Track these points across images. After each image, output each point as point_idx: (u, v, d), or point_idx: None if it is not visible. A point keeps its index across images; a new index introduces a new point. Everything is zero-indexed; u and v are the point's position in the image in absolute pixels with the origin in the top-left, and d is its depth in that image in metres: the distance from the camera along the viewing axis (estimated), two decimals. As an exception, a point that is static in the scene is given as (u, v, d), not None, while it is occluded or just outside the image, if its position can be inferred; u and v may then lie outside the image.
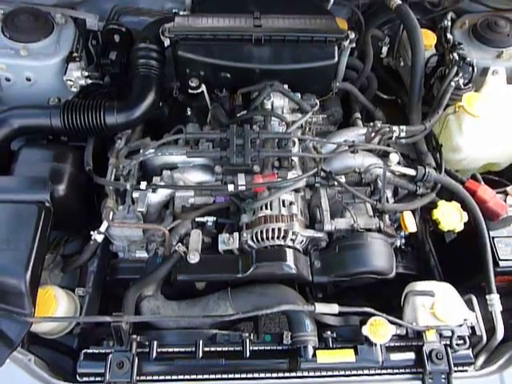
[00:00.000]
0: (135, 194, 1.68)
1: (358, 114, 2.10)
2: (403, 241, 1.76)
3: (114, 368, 1.34)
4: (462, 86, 1.88)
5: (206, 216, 1.74)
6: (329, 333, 1.48)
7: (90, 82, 1.93)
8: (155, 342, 1.41)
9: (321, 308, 1.46)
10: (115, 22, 2.16)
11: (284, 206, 1.65)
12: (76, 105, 1.77)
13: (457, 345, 1.43)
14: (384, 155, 1.85)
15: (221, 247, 1.57)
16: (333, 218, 1.63)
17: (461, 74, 1.86)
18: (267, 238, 1.57)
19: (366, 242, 1.56)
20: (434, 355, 1.40)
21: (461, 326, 1.49)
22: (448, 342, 1.43)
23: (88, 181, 1.76)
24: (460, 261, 1.83)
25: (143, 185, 1.61)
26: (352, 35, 1.87)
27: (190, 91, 1.90)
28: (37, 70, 1.90)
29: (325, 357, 1.39)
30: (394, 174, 1.72)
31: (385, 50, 2.26)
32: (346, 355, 1.40)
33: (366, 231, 1.60)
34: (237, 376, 1.39)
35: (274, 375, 1.39)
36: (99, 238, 1.68)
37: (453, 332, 1.47)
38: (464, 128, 1.83)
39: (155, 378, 1.39)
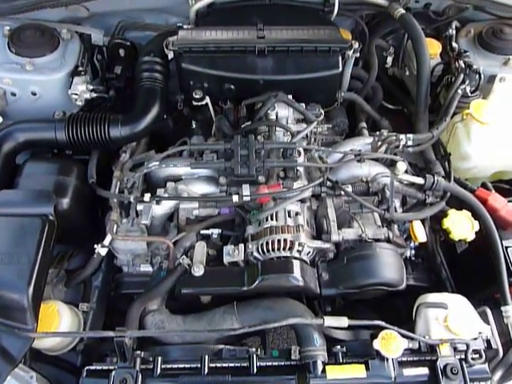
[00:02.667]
0: (139, 207, 1.67)
1: (363, 124, 2.08)
2: (413, 251, 1.72)
3: (117, 385, 1.30)
4: (469, 94, 1.86)
5: (210, 228, 1.72)
6: (338, 347, 1.43)
7: (94, 95, 1.94)
8: (159, 358, 1.37)
9: (330, 321, 1.41)
10: (120, 37, 2.18)
11: (290, 216, 1.62)
12: (81, 118, 1.78)
13: (472, 359, 1.37)
14: (391, 164, 1.82)
15: (226, 259, 1.54)
16: (340, 228, 1.59)
17: (467, 82, 1.84)
18: (273, 250, 1.54)
19: (375, 252, 1.51)
20: (448, 370, 1.34)
21: (476, 339, 1.43)
22: (463, 356, 1.37)
23: (92, 194, 1.75)
24: (472, 272, 1.77)
25: (147, 197, 1.60)
26: (356, 45, 1.87)
27: (194, 103, 1.90)
28: (42, 85, 1.92)
29: (335, 372, 1.34)
30: (402, 182, 1.69)
31: (389, 59, 2.25)
32: (357, 371, 1.34)
33: (375, 241, 1.56)
34: (244, 393, 1.35)
35: (283, 392, 1.34)
36: (103, 251, 1.66)
37: (468, 346, 1.41)
38: (472, 136, 1.79)
39: (159, 395, 1.35)
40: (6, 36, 1.94)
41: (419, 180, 1.67)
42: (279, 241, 1.54)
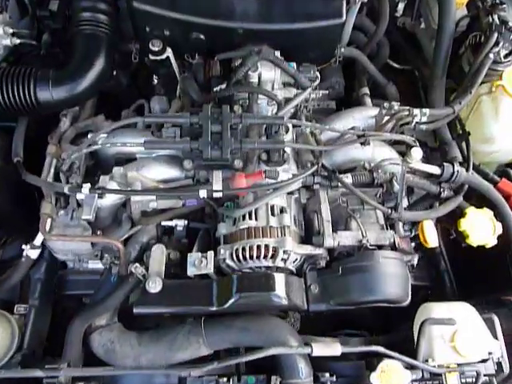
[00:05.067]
0: (80, 196, 1.29)
1: (366, 90, 1.71)
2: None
3: None
4: (502, 59, 1.48)
5: (174, 219, 1.37)
6: (327, 376, 1.22)
7: (18, 41, 1.46)
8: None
9: (319, 350, 1.15)
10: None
11: (273, 214, 1.30)
12: (-3, 73, 1.32)
13: (482, 386, 1.16)
14: (396, 142, 1.48)
15: (190, 271, 1.22)
16: (335, 229, 1.28)
17: (501, 44, 1.45)
18: (251, 258, 1.23)
19: (378, 263, 1.23)
20: (457, 404, 1.14)
21: (485, 361, 1.27)
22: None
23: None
24: (480, 271, 1.58)
25: (86, 188, 1.22)
26: (364, -14, 1.44)
27: (151, 57, 1.46)
28: None
29: (323, 412, 1.12)
30: (414, 172, 1.35)
31: (401, 7, 1.83)
32: (350, 411, 1.13)
33: (378, 248, 1.27)
34: None
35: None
36: (33, 253, 1.32)
37: (478, 374, 1.23)
38: (501, 113, 1.49)
39: None
40: None
41: (435, 170, 1.34)
42: (259, 247, 1.23)
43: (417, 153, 1.28)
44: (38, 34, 1.64)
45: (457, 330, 1.25)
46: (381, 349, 1.20)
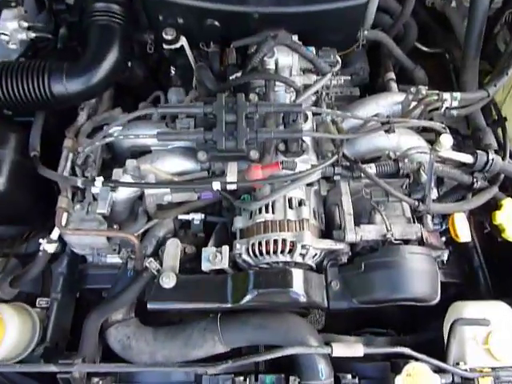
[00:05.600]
0: (95, 190, 1.27)
1: (391, 75, 1.61)
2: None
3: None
4: (543, 37, 1.35)
5: (190, 213, 1.34)
6: (349, 377, 1.15)
7: (34, 35, 1.45)
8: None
9: (340, 350, 1.09)
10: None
11: (291, 207, 1.23)
12: (13, 68, 1.33)
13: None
14: (424, 130, 1.39)
15: (205, 266, 1.18)
16: (358, 223, 1.21)
17: (542, 20, 1.32)
18: (268, 253, 1.18)
19: (403, 259, 1.15)
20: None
21: None
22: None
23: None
24: None
25: (99, 182, 1.19)
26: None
27: (165, 46, 1.42)
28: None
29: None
30: (444, 161, 1.25)
31: (429, -16, 1.69)
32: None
33: (403, 243, 1.18)
34: None
35: None
36: (50, 248, 1.31)
37: None
38: None
39: None
40: None
41: (467, 158, 1.24)
42: (276, 241, 1.17)
43: (447, 140, 1.17)
44: (56, 28, 1.63)
45: (491, 331, 1.17)
46: (407, 350, 1.12)
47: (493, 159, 1.22)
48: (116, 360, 1.24)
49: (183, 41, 1.41)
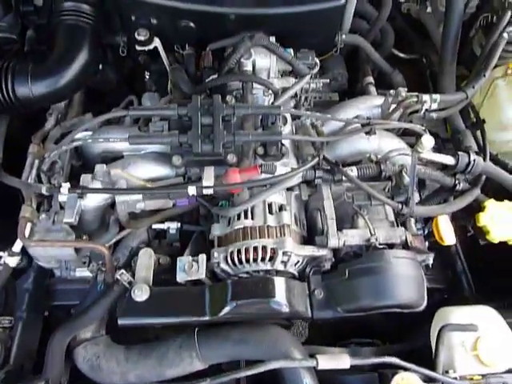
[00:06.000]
0: (62, 198, 1.19)
1: (370, 79, 1.60)
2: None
3: None
4: (517, 40, 1.36)
5: (166, 221, 1.28)
6: None
7: (-2, 36, 1.37)
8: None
9: (326, 363, 1.03)
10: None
11: (271, 212, 1.18)
12: (-27, 69, 1.24)
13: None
14: (404, 133, 1.37)
15: (180, 277, 1.10)
16: (340, 228, 1.16)
17: (516, 23, 1.33)
18: (247, 261, 1.11)
19: (389, 264, 1.10)
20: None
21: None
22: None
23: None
24: (501, 271, 1.43)
25: (65, 188, 1.11)
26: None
27: (138, 48, 1.36)
28: None
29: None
30: (425, 164, 1.23)
31: (405, -9, 1.71)
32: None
33: (388, 247, 1.14)
34: None
35: None
36: (12, 261, 1.21)
37: None
38: None
39: None
40: None
41: (449, 160, 1.22)
42: (256, 249, 1.11)
43: (428, 141, 1.15)
44: (23, 30, 1.56)
45: (479, 337, 1.13)
46: (395, 360, 1.07)
47: (474, 160, 1.21)
48: (84, 382, 1.15)
49: (157, 42, 1.36)
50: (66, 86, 1.29)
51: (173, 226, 1.30)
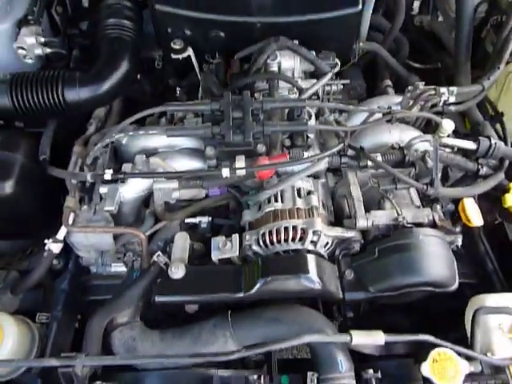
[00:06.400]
0: (102, 189, 1.27)
1: (388, 81, 1.68)
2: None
3: None
4: (529, 33, 1.43)
5: (197, 216, 1.34)
6: (371, 372, 1.08)
7: (49, 51, 1.53)
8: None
9: (360, 338, 1.03)
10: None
11: (300, 196, 1.23)
12: (28, 78, 1.39)
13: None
14: (425, 132, 1.42)
15: (214, 255, 1.15)
16: (368, 210, 1.19)
17: (527, 17, 1.41)
18: (278, 241, 1.15)
19: (418, 241, 1.12)
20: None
21: None
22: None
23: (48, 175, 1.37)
24: None
25: (108, 174, 1.20)
26: (380, -24, 1.45)
27: (173, 56, 1.49)
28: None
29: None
30: (447, 149, 1.27)
31: (416, 4, 1.83)
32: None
33: (416, 226, 1.15)
34: None
35: None
36: (56, 247, 1.28)
37: None
38: None
39: None
40: None
41: (470, 144, 1.26)
42: (287, 229, 1.15)
43: (448, 124, 1.20)
44: (69, 51, 1.73)
45: (517, 320, 1.10)
46: (431, 338, 1.06)
47: (496, 143, 1.25)
48: (121, 366, 1.17)
49: (190, 51, 1.49)
50: (109, 91, 1.42)
51: (204, 220, 1.36)
